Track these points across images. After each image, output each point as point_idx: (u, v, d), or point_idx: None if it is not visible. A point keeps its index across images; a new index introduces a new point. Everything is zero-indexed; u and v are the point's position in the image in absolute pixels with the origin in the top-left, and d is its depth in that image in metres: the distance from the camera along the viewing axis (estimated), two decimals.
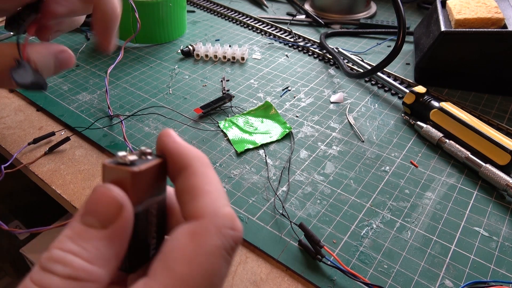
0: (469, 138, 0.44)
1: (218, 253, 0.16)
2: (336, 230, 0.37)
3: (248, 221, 0.38)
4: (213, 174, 0.18)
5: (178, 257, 0.15)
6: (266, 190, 0.41)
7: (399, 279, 0.33)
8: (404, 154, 0.46)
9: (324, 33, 0.69)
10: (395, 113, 0.52)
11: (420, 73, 0.58)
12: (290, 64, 0.63)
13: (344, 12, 0.77)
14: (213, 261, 0.16)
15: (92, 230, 0.16)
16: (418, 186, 0.42)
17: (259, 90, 0.56)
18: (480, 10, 0.55)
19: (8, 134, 0.48)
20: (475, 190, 0.41)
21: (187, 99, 0.54)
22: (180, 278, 0.15)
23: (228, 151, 0.46)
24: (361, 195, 0.41)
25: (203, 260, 0.15)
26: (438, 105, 0.48)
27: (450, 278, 0.33)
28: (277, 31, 0.72)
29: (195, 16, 0.78)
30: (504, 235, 0.37)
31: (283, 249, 0.35)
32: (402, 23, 0.47)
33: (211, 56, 0.64)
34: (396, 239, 0.36)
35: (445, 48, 0.54)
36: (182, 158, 0.18)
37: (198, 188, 0.17)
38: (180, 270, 0.15)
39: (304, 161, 0.44)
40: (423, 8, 0.83)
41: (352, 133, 0.49)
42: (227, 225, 0.17)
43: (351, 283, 0.33)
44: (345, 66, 0.58)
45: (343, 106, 0.53)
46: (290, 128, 0.49)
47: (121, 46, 0.57)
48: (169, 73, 0.60)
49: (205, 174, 0.18)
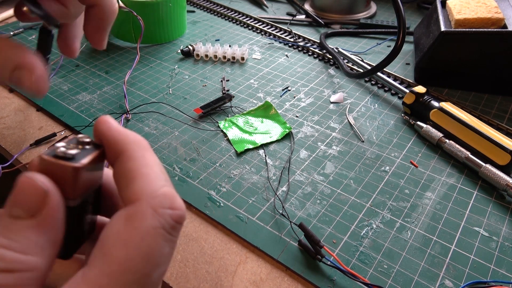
0: (469, 138, 0.44)
1: (154, 233, 0.15)
2: (336, 230, 0.37)
3: (248, 221, 0.38)
4: (151, 156, 0.18)
5: (114, 242, 0.15)
6: (266, 190, 0.41)
7: (399, 279, 0.33)
8: (404, 154, 0.46)
9: (324, 33, 0.69)
10: (395, 113, 0.52)
11: (420, 73, 0.58)
12: (290, 64, 0.63)
13: (344, 12, 0.77)
14: (150, 241, 0.15)
15: (19, 221, 0.15)
16: (418, 186, 0.42)
17: (259, 90, 0.56)
18: (480, 10, 0.55)
19: (8, 134, 0.48)
20: (475, 190, 0.41)
21: (187, 99, 0.54)
22: (118, 262, 0.15)
23: (228, 151, 0.46)
24: (361, 195, 0.40)
25: (138, 242, 0.15)
26: (438, 105, 0.48)
27: (450, 278, 0.33)
28: (277, 31, 0.72)
29: (195, 16, 0.78)
30: (504, 235, 0.37)
31: (283, 249, 0.35)
32: (402, 23, 0.47)
33: (211, 56, 0.64)
34: (396, 239, 0.36)
35: (445, 48, 0.54)
36: (118, 144, 0.18)
37: (134, 171, 0.17)
38: (117, 255, 0.15)
39: (304, 161, 0.44)
40: (423, 8, 0.83)
41: (352, 133, 0.49)
42: (164, 205, 0.16)
43: (351, 283, 0.33)
44: (345, 66, 0.58)
45: (343, 106, 0.53)
46: (290, 128, 0.49)
47: (136, 48, 0.57)
48: (169, 73, 0.60)
49: (142, 157, 0.18)
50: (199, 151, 0.46)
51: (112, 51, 0.65)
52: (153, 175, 0.17)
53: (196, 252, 0.35)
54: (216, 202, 0.40)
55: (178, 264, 0.34)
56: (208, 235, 0.37)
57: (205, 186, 0.41)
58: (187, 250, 0.36)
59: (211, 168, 0.44)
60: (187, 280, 0.33)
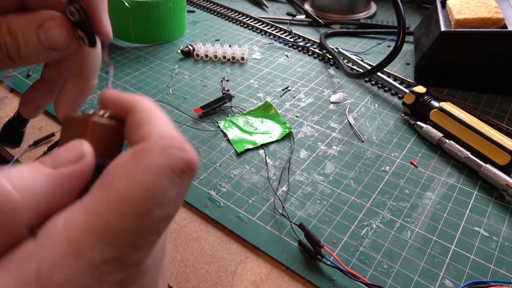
0: (469, 138, 0.44)
1: (160, 172, 0.15)
2: (336, 230, 0.37)
3: (248, 221, 0.38)
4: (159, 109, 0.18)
5: (117, 173, 0.15)
6: (266, 190, 0.41)
7: (399, 279, 0.33)
8: (404, 154, 0.46)
9: (324, 33, 0.69)
10: (395, 113, 0.52)
11: (420, 73, 0.58)
12: (290, 64, 0.63)
13: (344, 12, 0.77)
14: (154, 178, 0.14)
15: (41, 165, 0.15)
16: (418, 186, 0.42)
17: (259, 90, 0.56)
18: (480, 10, 0.55)
19: None
20: (475, 190, 0.41)
21: (187, 99, 0.54)
22: (116, 191, 0.14)
23: (228, 151, 0.46)
24: (361, 195, 0.41)
25: (141, 176, 0.14)
26: (438, 105, 0.48)
27: (450, 278, 0.33)
28: (277, 31, 0.72)
29: (195, 16, 0.78)
30: (504, 235, 0.37)
31: (283, 249, 0.35)
32: (402, 23, 0.47)
33: (211, 56, 0.64)
34: (396, 239, 0.36)
35: (445, 48, 0.54)
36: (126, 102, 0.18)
37: (144, 119, 0.17)
38: (118, 185, 0.14)
39: (304, 161, 0.44)
40: (423, 8, 0.83)
41: (352, 133, 0.49)
42: (174, 146, 0.15)
43: (351, 283, 0.33)
44: (345, 66, 0.58)
45: (343, 106, 0.53)
46: (290, 128, 0.49)
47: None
48: (169, 73, 0.60)
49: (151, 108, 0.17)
50: (199, 151, 0.46)
51: (112, 51, 0.65)
52: (163, 121, 0.17)
53: (196, 252, 0.35)
54: (216, 202, 0.40)
55: (178, 264, 0.34)
56: (208, 235, 0.37)
57: (205, 186, 0.41)
58: (187, 250, 0.36)
59: (211, 168, 0.44)
60: (187, 280, 0.33)
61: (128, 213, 0.14)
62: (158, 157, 0.15)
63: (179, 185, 0.15)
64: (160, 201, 0.14)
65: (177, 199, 0.15)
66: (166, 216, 0.15)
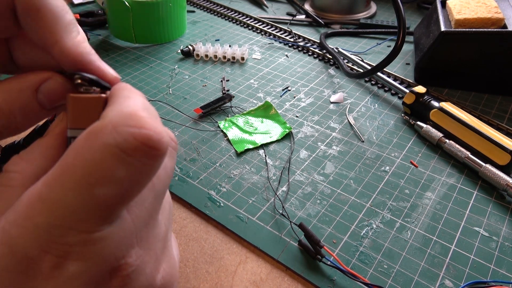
0: (469, 138, 0.44)
1: (106, 150, 0.15)
2: (336, 230, 0.37)
3: (248, 221, 0.38)
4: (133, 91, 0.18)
5: (71, 149, 0.15)
6: (266, 190, 0.41)
7: (399, 279, 0.33)
8: (404, 154, 0.46)
9: (324, 33, 0.69)
10: (395, 113, 0.52)
11: (420, 73, 0.58)
12: (290, 64, 0.63)
13: (344, 12, 0.77)
14: (97, 156, 0.15)
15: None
16: (418, 186, 0.42)
17: (259, 90, 0.56)
18: (480, 10, 0.55)
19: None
20: (475, 190, 0.41)
21: (187, 99, 0.54)
22: (63, 166, 0.15)
23: (228, 151, 0.46)
24: (361, 195, 0.41)
25: (87, 154, 0.15)
26: (438, 105, 0.48)
27: (450, 278, 0.33)
28: (277, 31, 0.72)
29: (195, 16, 0.78)
30: (504, 235, 0.37)
31: (283, 249, 0.35)
32: (402, 23, 0.47)
33: (211, 56, 0.64)
34: (396, 239, 0.36)
35: (445, 48, 0.54)
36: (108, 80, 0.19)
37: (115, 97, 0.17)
38: (66, 160, 0.15)
39: (304, 161, 0.44)
40: (423, 8, 0.83)
41: (352, 133, 0.49)
42: (128, 123, 0.15)
43: (351, 283, 0.33)
44: (345, 66, 0.58)
45: (343, 106, 0.53)
46: (290, 128, 0.49)
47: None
48: (169, 73, 0.60)
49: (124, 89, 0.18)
50: (199, 151, 0.46)
51: (112, 51, 0.65)
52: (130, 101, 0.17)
53: (196, 252, 0.35)
54: (216, 202, 0.40)
55: (178, 264, 0.34)
56: (208, 235, 0.37)
57: (205, 186, 0.41)
58: (187, 250, 0.36)
59: (211, 168, 0.44)
60: (187, 280, 0.33)
61: (69, 187, 0.15)
62: (106, 136, 0.15)
63: (132, 164, 0.15)
64: (104, 180, 0.15)
65: (127, 178, 0.15)
66: (117, 194, 0.15)
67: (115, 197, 0.15)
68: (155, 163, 0.16)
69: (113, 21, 0.66)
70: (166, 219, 0.22)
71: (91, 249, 0.15)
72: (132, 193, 0.16)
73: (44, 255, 0.15)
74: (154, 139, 0.15)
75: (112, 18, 0.66)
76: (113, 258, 0.16)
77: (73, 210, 0.15)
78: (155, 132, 0.15)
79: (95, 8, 0.76)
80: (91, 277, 0.16)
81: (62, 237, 0.15)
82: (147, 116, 0.16)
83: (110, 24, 0.68)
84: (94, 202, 0.15)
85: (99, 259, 0.16)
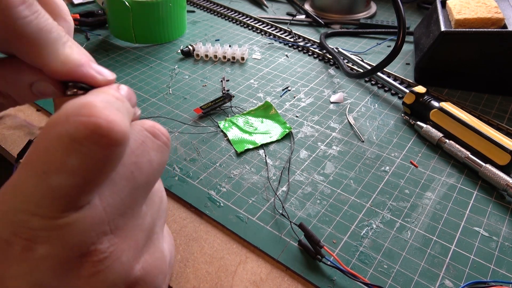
0: (469, 138, 0.44)
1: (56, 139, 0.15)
2: (336, 230, 0.37)
3: (248, 221, 0.38)
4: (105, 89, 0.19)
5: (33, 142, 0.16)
6: (266, 190, 0.41)
7: (399, 279, 0.33)
8: (404, 154, 0.46)
9: (324, 33, 0.69)
10: (395, 113, 0.52)
11: (420, 73, 0.58)
12: (290, 64, 0.63)
13: (344, 12, 0.77)
14: (50, 146, 0.15)
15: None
16: (418, 186, 0.42)
17: (259, 90, 0.56)
18: (480, 10, 0.55)
19: (8, 134, 0.48)
20: (475, 190, 0.41)
21: (187, 99, 0.54)
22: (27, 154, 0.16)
23: (228, 151, 0.46)
24: (361, 195, 0.40)
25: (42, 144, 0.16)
26: (438, 105, 0.48)
27: (450, 278, 0.33)
28: (277, 31, 0.72)
29: (195, 16, 0.78)
30: (504, 235, 0.37)
31: (283, 249, 0.35)
32: (402, 23, 0.47)
33: (211, 56, 0.64)
34: (396, 239, 0.36)
35: (445, 48, 0.54)
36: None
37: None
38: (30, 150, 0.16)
39: (304, 161, 0.44)
40: (423, 8, 0.83)
41: (352, 133, 0.49)
42: (80, 113, 0.15)
43: (351, 283, 0.33)
44: (345, 66, 0.58)
45: (343, 106, 0.53)
46: (290, 128, 0.49)
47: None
48: (169, 73, 0.60)
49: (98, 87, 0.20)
50: (199, 151, 0.46)
51: (112, 51, 0.65)
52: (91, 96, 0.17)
53: (196, 252, 0.35)
54: (216, 202, 0.40)
55: (178, 264, 0.34)
56: (208, 235, 0.37)
57: (205, 186, 0.41)
58: (187, 250, 0.36)
59: (211, 168, 0.44)
60: (187, 280, 0.33)
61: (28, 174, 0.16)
62: (59, 126, 0.15)
63: (84, 154, 0.15)
64: (57, 168, 0.15)
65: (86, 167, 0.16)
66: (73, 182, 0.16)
67: (72, 185, 0.16)
68: (110, 152, 0.16)
69: (113, 21, 0.66)
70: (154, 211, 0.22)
71: (57, 234, 0.16)
72: (92, 182, 0.16)
73: (14, 237, 0.16)
74: (104, 127, 0.15)
75: (112, 18, 0.66)
76: (82, 244, 0.17)
77: (33, 196, 0.16)
78: (106, 121, 0.15)
79: (95, 8, 0.76)
80: (60, 260, 0.16)
81: (28, 222, 0.16)
82: (101, 106, 0.16)
83: (110, 24, 0.68)
84: (50, 190, 0.15)
85: (66, 244, 0.16)
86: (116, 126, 0.16)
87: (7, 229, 0.16)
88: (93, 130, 0.15)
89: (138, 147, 0.20)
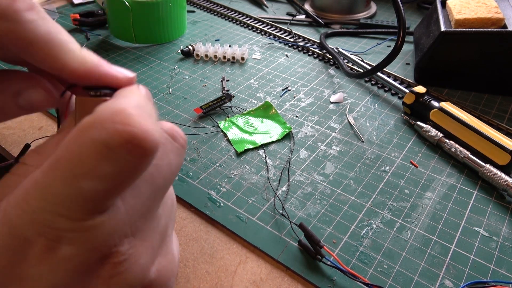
0: (469, 138, 0.44)
1: (90, 145, 0.15)
2: (336, 230, 0.37)
3: (248, 221, 0.38)
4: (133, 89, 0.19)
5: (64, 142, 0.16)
6: (266, 190, 0.41)
7: (399, 279, 0.33)
8: (404, 154, 0.46)
9: (324, 33, 0.69)
10: (395, 113, 0.52)
11: (420, 73, 0.58)
12: (290, 64, 0.63)
13: (344, 12, 0.77)
14: (83, 151, 0.15)
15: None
16: (418, 186, 0.42)
17: (259, 90, 0.56)
18: (480, 10, 0.55)
19: (8, 134, 0.48)
20: (475, 190, 0.41)
21: (187, 99, 0.54)
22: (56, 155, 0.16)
23: (228, 151, 0.46)
24: (361, 195, 0.41)
25: (74, 147, 0.15)
26: (438, 105, 0.48)
27: (450, 278, 0.33)
28: (277, 31, 0.72)
29: (195, 16, 0.78)
30: (504, 235, 0.37)
31: (283, 249, 0.35)
32: (402, 23, 0.47)
33: (211, 56, 0.64)
34: (396, 239, 0.36)
35: (445, 48, 0.54)
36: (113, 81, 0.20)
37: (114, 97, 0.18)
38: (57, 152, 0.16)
39: (304, 161, 0.44)
40: (423, 8, 0.83)
41: (352, 133, 0.49)
42: (115, 120, 0.15)
43: (351, 283, 0.33)
44: (345, 66, 0.58)
45: (343, 106, 0.53)
46: (290, 128, 0.49)
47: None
48: (169, 73, 0.60)
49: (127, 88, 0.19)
50: (199, 151, 0.46)
51: (112, 51, 0.65)
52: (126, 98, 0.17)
53: (196, 252, 0.35)
54: (216, 202, 0.40)
55: (177, 261, 0.34)
56: (208, 235, 0.37)
57: (205, 186, 0.41)
58: (187, 250, 0.36)
59: (211, 168, 0.44)
60: (187, 280, 0.33)
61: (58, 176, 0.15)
62: (93, 131, 0.15)
63: (117, 161, 0.15)
64: (88, 173, 0.15)
65: (118, 174, 0.16)
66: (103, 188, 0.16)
67: (101, 190, 0.16)
68: (142, 161, 0.16)
69: (113, 21, 0.66)
70: (167, 213, 0.22)
71: (82, 236, 0.16)
72: (120, 187, 0.16)
73: (38, 237, 0.16)
74: (139, 138, 0.15)
75: (112, 18, 0.66)
76: (104, 245, 0.17)
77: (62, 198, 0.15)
78: (141, 130, 0.15)
79: (95, 8, 0.76)
80: (81, 262, 0.16)
81: (54, 222, 0.16)
82: (135, 114, 0.16)
83: (110, 24, 0.68)
84: (80, 193, 0.15)
85: (90, 245, 0.16)
86: (150, 136, 0.16)
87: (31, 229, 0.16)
88: (128, 140, 0.15)
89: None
